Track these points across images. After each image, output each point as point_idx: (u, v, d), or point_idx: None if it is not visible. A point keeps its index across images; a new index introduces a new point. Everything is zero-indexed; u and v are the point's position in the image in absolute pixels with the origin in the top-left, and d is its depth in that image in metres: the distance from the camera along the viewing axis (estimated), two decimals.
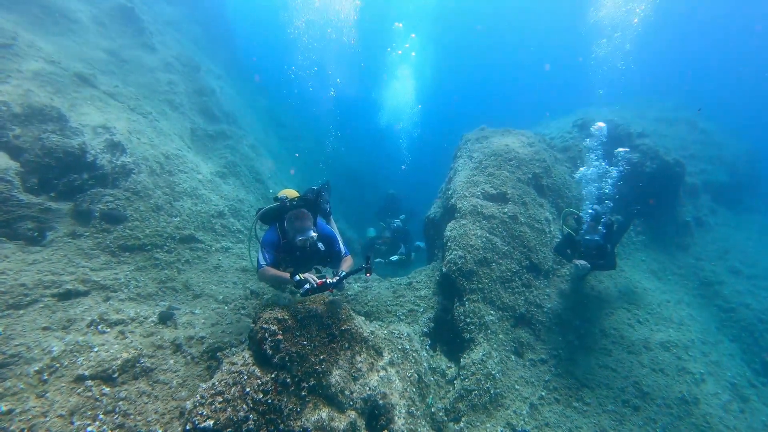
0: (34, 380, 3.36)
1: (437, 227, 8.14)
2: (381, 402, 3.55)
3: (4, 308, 3.99)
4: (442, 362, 5.25)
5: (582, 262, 5.96)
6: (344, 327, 3.67)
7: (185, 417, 2.73)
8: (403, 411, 3.71)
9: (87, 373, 3.51)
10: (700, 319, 7.60)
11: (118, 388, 3.55)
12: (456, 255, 5.97)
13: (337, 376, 3.32)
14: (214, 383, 2.91)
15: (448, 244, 6.26)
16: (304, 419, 2.97)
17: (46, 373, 3.43)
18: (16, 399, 3.17)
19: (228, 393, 2.83)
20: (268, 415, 2.87)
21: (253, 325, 3.45)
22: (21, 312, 4.04)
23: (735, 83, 35.88)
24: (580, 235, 6.23)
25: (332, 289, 3.72)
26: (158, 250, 5.96)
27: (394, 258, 9.64)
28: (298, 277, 3.53)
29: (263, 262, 3.98)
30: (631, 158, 9.07)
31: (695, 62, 38.57)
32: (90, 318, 4.19)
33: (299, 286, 3.50)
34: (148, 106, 8.93)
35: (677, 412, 5.46)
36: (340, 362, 3.45)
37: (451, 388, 4.85)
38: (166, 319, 4.62)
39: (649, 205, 8.67)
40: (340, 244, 4.43)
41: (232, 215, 8.14)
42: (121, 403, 3.39)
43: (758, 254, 10.34)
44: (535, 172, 7.84)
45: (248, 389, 2.89)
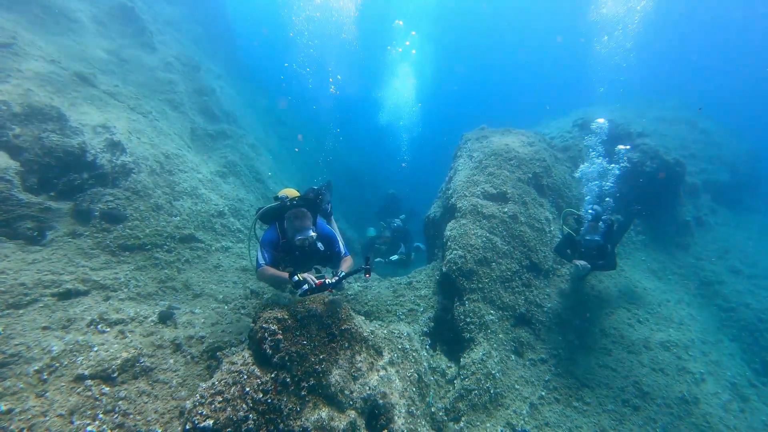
0: (33, 380, 3.36)
1: (437, 227, 8.14)
2: (381, 401, 3.54)
3: (3, 307, 3.98)
4: (442, 362, 5.25)
5: (582, 262, 5.95)
6: (344, 326, 3.66)
7: (185, 416, 2.73)
8: (403, 410, 3.71)
9: (87, 373, 3.51)
10: (700, 319, 7.59)
11: (117, 387, 3.55)
12: (456, 254, 5.97)
13: (336, 375, 3.31)
14: (214, 383, 2.91)
15: (448, 243, 6.26)
16: (303, 419, 2.97)
17: (45, 373, 3.43)
18: (15, 398, 3.17)
19: (228, 392, 2.83)
20: (268, 415, 2.86)
21: (253, 324, 3.45)
22: (21, 311, 4.04)
23: (735, 83, 35.88)
24: (580, 235, 6.22)
25: (331, 289, 3.72)
26: (158, 249, 5.96)
27: (394, 258, 9.63)
28: (296, 278, 3.51)
29: (262, 261, 3.97)
30: (631, 157, 9.08)
31: (695, 62, 38.58)
32: (90, 317, 4.18)
33: (298, 287, 3.49)
34: (148, 106, 8.93)
35: (677, 412, 5.45)
36: (340, 362, 3.44)
37: (451, 388, 4.84)
38: (166, 318, 4.62)
39: (649, 204, 8.66)
40: (340, 244, 4.42)
41: (232, 215, 8.14)
42: (121, 402, 3.39)
43: (758, 254, 10.33)
44: (536, 171, 7.83)
45: (248, 389, 2.89)
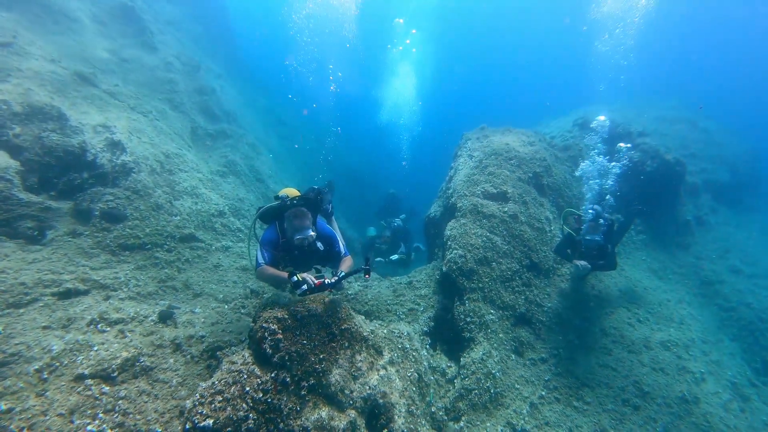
0: (34, 379, 3.36)
1: (437, 226, 8.13)
2: (381, 401, 3.54)
3: (4, 307, 3.99)
4: (442, 361, 5.25)
5: (582, 262, 5.94)
6: (344, 326, 3.66)
7: (185, 416, 2.72)
8: (403, 410, 3.71)
9: (87, 372, 3.51)
10: (700, 319, 7.59)
11: (117, 387, 3.55)
12: (456, 254, 5.96)
13: (336, 375, 3.31)
14: (214, 382, 2.91)
15: (449, 243, 6.26)
16: (303, 418, 2.96)
17: (45, 372, 3.43)
18: (16, 398, 3.17)
19: (228, 392, 2.83)
20: (268, 414, 2.86)
21: (253, 324, 3.45)
22: (21, 311, 4.04)
23: (736, 82, 35.84)
24: (580, 236, 6.21)
25: (330, 289, 3.71)
26: (158, 249, 5.96)
27: (395, 257, 9.62)
28: (295, 278, 3.49)
29: (262, 260, 3.96)
30: (631, 157, 9.07)
31: (696, 61, 38.55)
32: (90, 317, 4.18)
33: (297, 287, 3.47)
34: (149, 105, 8.93)
35: (677, 412, 5.45)
36: (340, 361, 3.44)
37: (452, 387, 4.84)
38: (166, 318, 4.62)
39: (649, 204, 8.65)
40: (340, 244, 4.41)
41: (232, 214, 8.14)
42: (121, 402, 3.39)
43: (759, 253, 10.34)
44: (536, 171, 7.83)
45: (248, 388, 2.88)
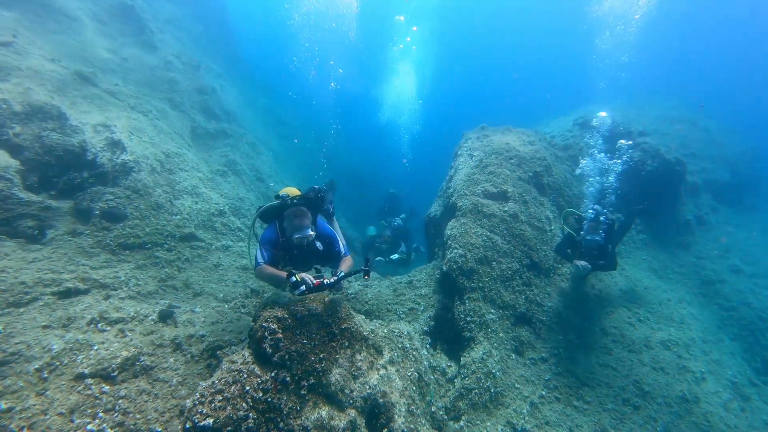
0: (34, 378, 3.36)
1: (438, 226, 8.13)
2: (381, 400, 3.54)
3: (4, 306, 3.99)
4: (442, 361, 5.25)
5: (582, 262, 5.94)
6: (344, 325, 3.65)
7: (185, 415, 2.72)
8: (403, 410, 3.71)
9: (87, 372, 3.51)
10: (700, 318, 7.58)
11: (118, 386, 3.55)
12: (456, 253, 5.96)
13: (336, 374, 3.31)
14: (214, 381, 2.90)
15: (449, 242, 6.25)
16: (303, 418, 2.96)
17: (46, 371, 3.43)
18: (16, 397, 3.17)
19: (228, 391, 2.82)
20: (268, 414, 2.86)
21: (253, 323, 3.45)
22: (21, 310, 4.04)
23: (736, 81, 35.81)
24: (580, 236, 6.20)
25: (329, 289, 3.70)
26: (158, 248, 5.96)
27: (395, 257, 9.61)
28: (294, 278, 3.46)
29: (261, 260, 3.96)
30: (632, 156, 9.05)
31: (696, 60, 38.51)
32: (90, 316, 4.19)
33: (295, 287, 3.45)
34: (149, 105, 8.92)
35: (678, 411, 5.45)
36: (340, 361, 3.44)
37: (452, 387, 4.84)
38: (166, 317, 4.62)
39: (650, 203, 8.64)
40: (341, 244, 4.40)
41: (232, 213, 8.14)
42: (121, 401, 3.39)
43: (759, 253, 10.33)
44: (536, 170, 7.82)
45: (248, 388, 2.88)
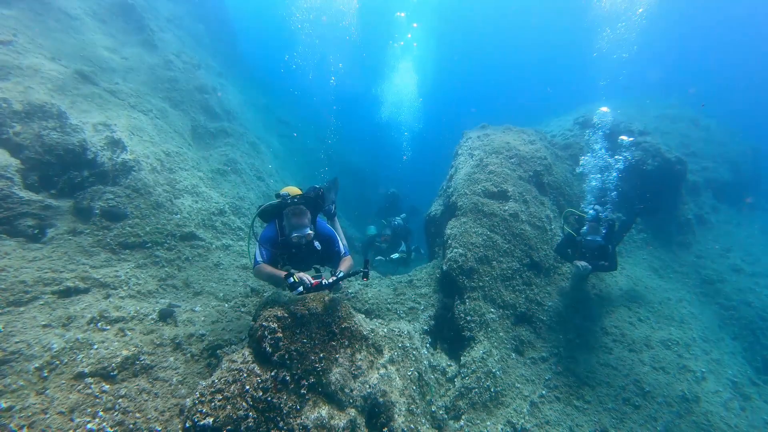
0: (34, 377, 3.36)
1: (438, 225, 8.12)
2: (381, 400, 3.54)
3: (4, 305, 3.99)
4: (442, 360, 5.24)
5: (583, 263, 5.92)
6: (344, 325, 3.65)
7: (185, 414, 2.72)
8: (403, 409, 3.71)
9: (87, 371, 3.52)
10: (701, 317, 7.57)
11: (117, 385, 3.55)
12: (457, 253, 5.95)
13: (336, 374, 3.31)
14: (214, 381, 2.90)
15: (449, 241, 6.24)
16: (303, 417, 2.96)
17: (46, 370, 3.43)
18: (16, 396, 3.17)
19: (227, 391, 2.82)
20: (268, 413, 2.86)
21: (253, 322, 3.45)
22: (21, 309, 4.04)
23: (737, 81, 35.76)
24: (581, 236, 6.19)
25: (327, 289, 3.70)
26: (159, 247, 5.95)
27: (395, 256, 9.61)
28: (292, 279, 3.46)
29: (260, 258, 3.95)
30: (633, 155, 9.03)
31: (697, 60, 38.45)
32: (90, 315, 4.19)
33: (293, 288, 3.45)
34: (149, 104, 8.92)
35: (678, 410, 5.44)
36: (340, 360, 3.44)
37: (452, 386, 4.84)
38: (166, 316, 4.62)
39: (651, 202, 8.61)
40: (341, 244, 4.39)
41: (232, 213, 8.14)
42: (121, 400, 3.39)
43: (760, 252, 10.30)
44: (536, 169, 7.81)
45: (248, 387, 2.88)
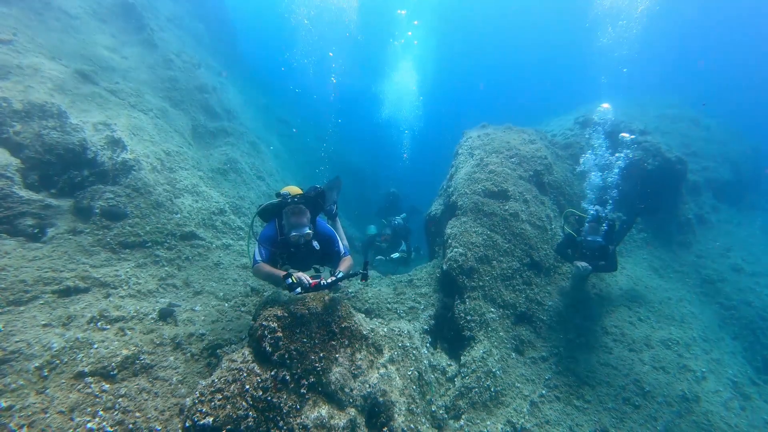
0: (34, 376, 3.36)
1: (438, 225, 8.12)
2: (381, 399, 3.54)
3: (4, 304, 3.99)
4: (442, 360, 5.24)
5: (583, 264, 5.91)
6: (344, 324, 3.65)
7: (185, 414, 2.72)
8: (403, 408, 3.71)
9: (87, 370, 3.52)
10: (701, 317, 7.57)
11: (117, 384, 3.55)
12: (457, 252, 5.95)
13: (336, 373, 3.31)
14: (214, 380, 2.90)
15: (449, 241, 6.24)
16: (303, 416, 2.96)
17: (46, 370, 3.43)
18: (16, 395, 3.17)
19: (227, 390, 2.82)
20: (268, 413, 2.86)
21: (253, 322, 3.45)
22: (21, 308, 4.04)
23: (738, 80, 35.72)
24: (581, 236, 6.18)
25: (326, 290, 3.69)
26: (159, 247, 5.95)
27: (395, 255, 9.61)
28: (290, 280, 3.46)
29: (259, 258, 3.95)
30: (633, 155, 9.02)
31: (698, 59, 38.41)
32: (90, 315, 4.19)
33: (291, 289, 3.46)
34: (149, 103, 8.91)
35: (678, 410, 5.44)
36: (340, 360, 3.44)
37: (452, 386, 4.84)
38: (166, 316, 4.62)
39: (651, 202, 8.60)
40: (340, 244, 4.38)
41: (232, 212, 8.14)
42: (121, 399, 3.40)
43: (760, 252, 10.29)
44: (537, 169, 7.80)
45: (248, 386, 2.88)
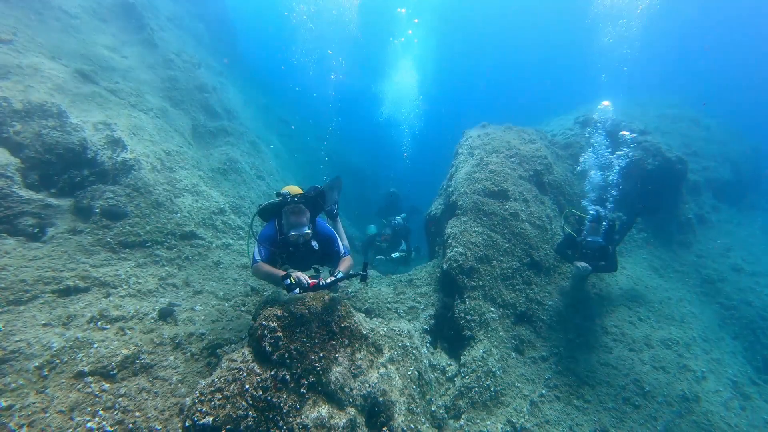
0: (34, 376, 3.36)
1: (438, 224, 8.12)
2: (381, 399, 3.54)
3: (4, 304, 3.99)
4: (442, 359, 5.24)
5: (583, 264, 5.91)
6: (344, 324, 3.65)
7: (184, 413, 2.72)
8: (403, 408, 3.71)
9: (87, 370, 3.52)
10: (701, 317, 7.57)
11: (117, 384, 3.55)
12: (457, 252, 5.95)
13: (336, 373, 3.31)
14: (214, 380, 2.90)
15: (449, 241, 6.24)
16: (303, 416, 2.96)
17: (45, 369, 3.43)
18: (16, 395, 3.17)
19: (227, 390, 2.82)
20: (268, 412, 2.86)
21: (253, 321, 3.45)
22: (21, 308, 4.05)
23: (738, 80, 35.70)
24: (581, 237, 6.17)
25: (325, 290, 3.69)
26: (159, 246, 5.95)
27: (395, 255, 9.61)
28: (288, 281, 3.46)
29: (258, 257, 3.95)
30: (634, 151, 9.01)
31: (698, 58, 38.40)
32: (90, 314, 4.19)
33: (289, 290, 3.46)
34: (149, 103, 8.91)
35: (678, 410, 5.44)
36: (340, 359, 3.44)
37: (452, 386, 4.84)
38: (166, 315, 4.62)
39: (651, 202, 8.59)
40: (340, 244, 4.38)
41: (232, 212, 8.14)
42: (121, 399, 3.39)
43: (760, 251, 10.29)
44: (537, 168, 7.80)
45: (247, 386, 2.88)
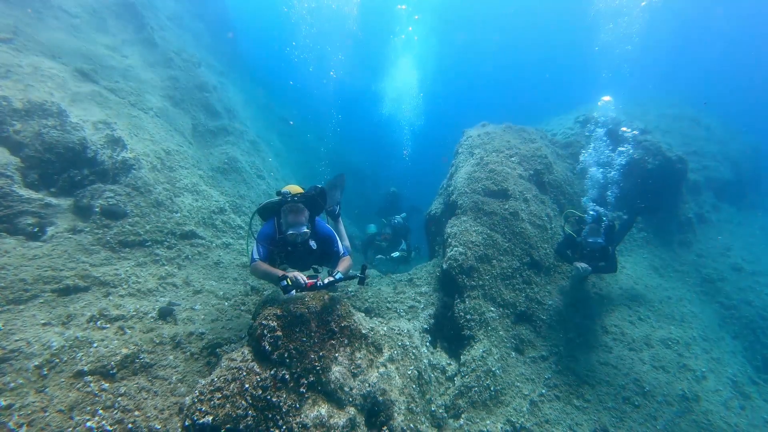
0: (33, 375, 3.36)
1: (438, 224, 8.12)
2: (380, 398, 3.54)
3: (4, 303, 3.99)
4: (442, 359, 5.24)
5: (583, 264, 5.90)
6: (344, 323, 3.65)
7: (184, 413, 2.72)
8: (403, 407, 3.71)
9: (86, 369, 3.52)
10: (701, 316, 7.57)
11: (117, 383, 3.55)
12: (457, 251, 5.95)
13: (336, 372, 3.30)
14: (213, 379, 2.90)
15: (449, 240, 6.24)
16: (303, 415, 2.96)
17: (45, 369, 3.43)
18: (15, 394, 3.17)
19: (227, 389, 2.82)
20: (267, 412, 2.86)
21: (253, 321, 3.45)
22: (21, 307, 4.05)
23: (739, 79, 35.67)
24: (581, 237, 6.16)
25: (323, 290, 3.69)
26: (158, 246, 5.95)
27: (395, 254, 9.61)
28: (285, 282, 3.46)
29: (257, 256, 3.94)
30: (634, 151, 9.01)
31: (699, 58, 38.36)
32: (90, 313, 4.19)
33: (285, 291, 3.46)
34: (149, 102, 8.91)
35: (678, 410, 5.44)
36: (340, 359, 3.44)
37: (452, 385, 4.83)
38: (165, 315, 4.62)
39: (652, 201, 8.59)
40: (340, 244, 4.37)
41: (232, 211, 8.14)
42: (121, 398, 3.39)
43: (760, 251, 10.29)
44: (537, 168, 7.79)
45: (247, 385, 2.88)
